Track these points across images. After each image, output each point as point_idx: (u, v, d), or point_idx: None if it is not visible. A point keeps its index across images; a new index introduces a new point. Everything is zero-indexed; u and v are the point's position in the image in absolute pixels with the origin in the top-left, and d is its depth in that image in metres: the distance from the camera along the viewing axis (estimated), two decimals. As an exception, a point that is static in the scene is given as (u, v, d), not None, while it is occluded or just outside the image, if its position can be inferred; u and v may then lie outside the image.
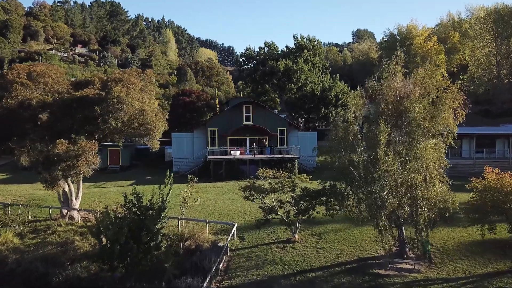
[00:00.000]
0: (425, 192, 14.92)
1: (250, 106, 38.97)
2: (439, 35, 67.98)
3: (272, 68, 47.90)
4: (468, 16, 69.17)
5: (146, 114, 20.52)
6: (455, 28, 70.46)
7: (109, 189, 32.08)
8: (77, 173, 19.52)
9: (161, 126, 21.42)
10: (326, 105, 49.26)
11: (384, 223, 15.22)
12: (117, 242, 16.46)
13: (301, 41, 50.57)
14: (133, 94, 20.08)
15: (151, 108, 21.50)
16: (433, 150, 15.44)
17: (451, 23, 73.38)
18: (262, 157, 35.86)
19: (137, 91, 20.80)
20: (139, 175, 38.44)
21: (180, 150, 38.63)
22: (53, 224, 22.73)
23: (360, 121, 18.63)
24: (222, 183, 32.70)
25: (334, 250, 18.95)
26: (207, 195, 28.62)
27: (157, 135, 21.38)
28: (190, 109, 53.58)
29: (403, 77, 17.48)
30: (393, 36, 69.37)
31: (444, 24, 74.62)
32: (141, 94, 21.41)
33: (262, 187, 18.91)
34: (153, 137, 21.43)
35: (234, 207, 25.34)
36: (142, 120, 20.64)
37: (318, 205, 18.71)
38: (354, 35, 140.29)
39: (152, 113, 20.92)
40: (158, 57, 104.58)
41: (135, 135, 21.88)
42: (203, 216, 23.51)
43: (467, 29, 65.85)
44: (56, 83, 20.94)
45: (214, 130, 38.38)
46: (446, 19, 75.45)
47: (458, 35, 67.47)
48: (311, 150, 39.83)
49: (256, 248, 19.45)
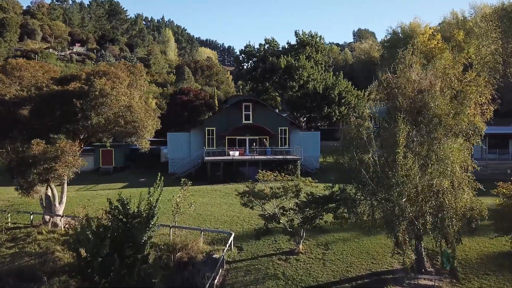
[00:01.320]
0: (453, 200, 12.90)
1: (249, 105, 36.98)
2: (443, 33, 66.40)
3: (273, 65, 45.94)
4: (472, 14, 67.79)
5: (133, 111, 18.53)
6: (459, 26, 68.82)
7: (99, 192, 30.13)
8: (55, 177, 17.53)
9: (150, 124, 19.40)
10: (329, 104, 47.25)
11: (403, 235, 13.20)
12: (97, 256, 14.49)
13: (302, 37, 48.61)
14: (119, 88, 18.11)
15: (140, 104, 19.52)
16: (458, 151, 13.42)
17: (455, 21, 71.80)
18: (262, 158, 33.86)
19: (125, 85, 18.83)
20: (132, 176, 36.49)
21: (176, 150, 36.65)
22: (33, 231, 20.77)
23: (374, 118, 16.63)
24: (220, 186, 30.74)
25: (343, 262, 16.94)
26: (203, 199, 26.66)
27: (146, 133, 19.35)
28: (188, 108, 51.77)
29: (421, 69, 15.47)
30: (396, 34, 67.89)
31: (448, 22, 73.05)
32: (130, 89, 19.44)
33: (263, 193, 16.90)
34: (142, 136, 19.40)
35: (232, 212, 23.36)
36: (129, 117, 18.65)
37: (325, 212, 16.70)
38: (354, 34, 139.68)
39: (141, 110, 18.92)
40: (157, 56, 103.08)
41: (121, 133, 19.86)
42: (198, 222, 21.54)
43: (473, 26, 64.36)
44: (34, 78, 18.98)
45: (212, 129, 36.40)
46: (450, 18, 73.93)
47: (463, 33, 65.79)
48: (314, 150, 38.07)
49: (255, 260, 17.45)
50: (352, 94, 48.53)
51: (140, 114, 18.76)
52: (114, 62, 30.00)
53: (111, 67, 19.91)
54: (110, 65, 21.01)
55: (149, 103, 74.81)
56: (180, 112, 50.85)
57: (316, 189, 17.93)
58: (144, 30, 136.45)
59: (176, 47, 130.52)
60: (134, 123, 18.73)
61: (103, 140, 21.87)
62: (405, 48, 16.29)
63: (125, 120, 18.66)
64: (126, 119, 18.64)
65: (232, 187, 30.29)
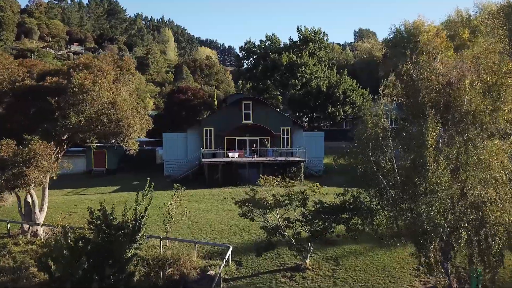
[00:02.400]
0: (498, 213, 10.78)
1: (250, 103, 34.85)
2: (447, 31, 64.79)
3: (275, 62, 43.83)
4: (476, 12, 66.39)
5: (118, 108, 16.41)
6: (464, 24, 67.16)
7: (89, 197, 28.02)
8: (26, 183, 15.43)
9: (138, 123, 17.27)
10: (333, 103, 45.18)
11: (435, 255, 11.10)
12: (71, 276, 12.42)
13: (305, 33, 46.48)
14: (103, 83, 16.03)
15: (129, 101, 17.39)
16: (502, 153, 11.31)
17: (459, 19, 70.20)
18: (263, 160, 31.75)
19: (109, 79, 16.76)
20: (126, 179, 34.40)
21: (172, 152, 34.54)
22: (9, 242, 18.67)
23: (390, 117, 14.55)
24: (218, 190, 28.63)
25: (356, 281, 14.85)
26: (200, 205, 24.56)
27: (133, 133, 17.22)
28: (185, 107, 49.69)
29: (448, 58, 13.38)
30: (400, 32, 66.44)
31: (452, 20, 71.46)
32: (116, 84, 17.35)
33: (264, 201, 14.76)
34: (128, 136, 17.27)
35: (230, 220, 21.25)
36: (113, 115, 16.51)
37: (336, 223, 14.57)
38: (356, 34, 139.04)
39: (127, 107, 16.79)
40: (156, 55, 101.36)
41: (105, 134, 17.73)
42: (193, 232, 19.44)
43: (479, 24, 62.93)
44: (7, 70, 16.85)
45: (210, 129, 34.29)
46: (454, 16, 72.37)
47: (468, 32, 64.07)
48: (318, 151, 35.95)
49: (256, 278, 15.35)
50: (357, 93, 46.48)
51: (126, 111, 16.63)
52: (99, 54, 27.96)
53: (94, 59, 17.84)
54: (94, 57, 18.90)
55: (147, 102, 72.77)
56: (177, 112, 48.79)
57: (324, 197, 15.81)
58: (143, 29, 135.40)
59: (176, 47, 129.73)
60: (119, 121, 16.60)
61: (88, 142, 19.81)
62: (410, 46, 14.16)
63: (109, 118, 16.52)
64: (110, 117, 16.51)
65: (231, 191, 28.22)
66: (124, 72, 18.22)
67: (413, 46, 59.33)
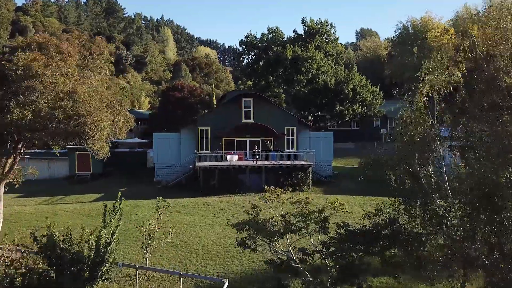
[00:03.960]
0: None
1: (251, 100, 31.16)
2: (456, 28, 61.89)
3: (278, 56, 40.12)
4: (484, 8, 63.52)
5: (79, 100, 12.69)
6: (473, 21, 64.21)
7: (65, 207, 24.34)
8: None
9: (106, 120, 13.48)
10: (341, 101, 41.44)
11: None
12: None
13: (311, 24, 42.74)
14: (59, 68, 12.36)
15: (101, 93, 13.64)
16: None
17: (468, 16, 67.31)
18: (266, 163, 28.02)
19: (70, 63, 13.09)
20: (112, 185, 30.71)
21: (164, 154, 30.85)
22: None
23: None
24: (214, 199, 24.94)
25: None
26: (192, 218, 20.86)
27: (98, 133, 13.36)
28: (181, 106, 46.21)
29: None
30: (406, 29, 63.61)
31: (461, 17, 68.62)
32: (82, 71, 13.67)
33: (271, 225, 10.93)
34: (92, 136, 13.47)
35: (227, 239, 17.53)
36: (72, 110, 12.80)
37: (367, 253, 10.76)
38: (357, 34, 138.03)
39: (92, 100, 13.02)
40: (154, 53, 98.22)
41: (61, 133, 13.86)
42: (180, 256, 15.72)
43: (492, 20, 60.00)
44: None
45: (206, 129, 30.61)
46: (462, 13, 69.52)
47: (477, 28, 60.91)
48: (327, 154, 32.26)
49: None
50: (368, 90, 42.73)
51: (90, 105, 12.88)
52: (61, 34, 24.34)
53: (51, 37, 14.17)
54: (51, 35, 15.24)
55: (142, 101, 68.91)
56: (172, 111, 45.30)
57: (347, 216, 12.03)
58: (142, 28, 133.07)
59: (176, 46, 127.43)
60: (80, 118, 12.86)
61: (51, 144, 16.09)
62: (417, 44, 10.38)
63: (66, 113, 12.80)
64: (67, 111, 12.78)
65: (229, 200, 24.55)
66: (94, 57, 14.55)
67: (420, 43, 57.01)
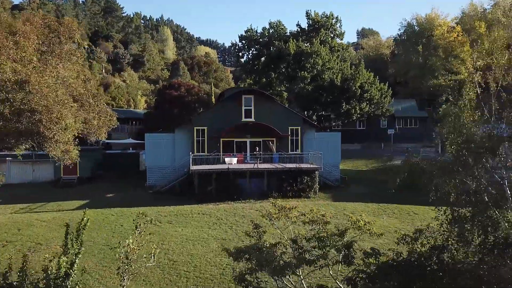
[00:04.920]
0: None
1: (251, 97, 28.60)
2: (462, 26, 60.00)
3: (280, 51, 37.57)
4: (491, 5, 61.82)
5: (31, 91, 10.01)
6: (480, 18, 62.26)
7: (43, 216, 21.73)
8: None
9: (70, 117, 10.80)
10: (348, 99, 38.88)
11: None
12: None
13: (315, 17, 40.18)
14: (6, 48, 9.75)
15: (60, 83, 11.05)
16: None
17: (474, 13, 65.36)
18: (268, 167, 25.41)
19: (26, 46, 10.49)
20: (100, 190, 28.18)
21: (156, 156, 28.27)
22: None
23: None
24: (211, 206, 22.34)
25: None
26: (184, 230, 18.26)
27: (58, 133, 10.66)
28: (178, 105, 43.72)
29: None
30: (411, 27, 62.06)
31: (467, 14, 66.65)
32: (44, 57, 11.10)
33: (277, 254, 8.19)
34: (50, 137, 10.77)
35: (223, 257, 14.85)
36: (22, 103, 10.08)
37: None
38: (358, 34, 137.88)
39: (51, 92, 10.30)
40: (152, 52, 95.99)
41: (10, 133, 11.17)
42: (166, 280, 13.13)
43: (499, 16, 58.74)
44: None
45: (202, 129, 28.05)
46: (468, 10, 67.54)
47: (484, 25, 59.40)
48: (334, 156, 29.63)
49: None
50: (376, 88, 40.16)
51: (49, 98, 10.15)
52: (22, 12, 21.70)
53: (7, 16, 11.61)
54: (9, 14, 12.68)
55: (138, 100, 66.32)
56: (168, 110, 42.80)
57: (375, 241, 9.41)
58: (141, 27, 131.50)
59: (175, 46, 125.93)
60: (34, 114, 10.17)
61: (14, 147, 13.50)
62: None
63: (15, 108, 10.09)
64: (16, 105, 10.09)
65: (227, 208, 21.95)
66: (63, 41, 11.95)
67: (425, 41, 55.48)
